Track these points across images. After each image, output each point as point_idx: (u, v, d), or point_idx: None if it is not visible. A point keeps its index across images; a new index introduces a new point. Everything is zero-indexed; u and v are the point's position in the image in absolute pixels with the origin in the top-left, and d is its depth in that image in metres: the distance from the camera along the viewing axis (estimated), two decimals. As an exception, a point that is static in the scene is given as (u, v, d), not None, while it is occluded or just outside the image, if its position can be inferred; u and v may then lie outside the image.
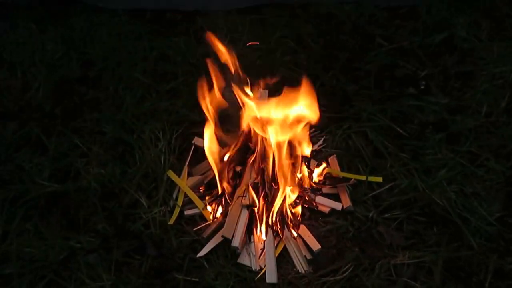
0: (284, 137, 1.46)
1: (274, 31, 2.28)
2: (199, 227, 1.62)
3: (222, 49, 1.56)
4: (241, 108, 1.51)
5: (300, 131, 1.49)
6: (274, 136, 1.44)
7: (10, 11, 2.45)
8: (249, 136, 1.59)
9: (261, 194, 1.56)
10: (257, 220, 1.56)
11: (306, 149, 1.59)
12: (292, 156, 1.54)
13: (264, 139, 1.51)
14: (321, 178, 1.70)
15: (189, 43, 2.27)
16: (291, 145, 1.54)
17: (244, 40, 2.24)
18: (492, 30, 2.26)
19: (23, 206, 1.67)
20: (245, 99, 1.49)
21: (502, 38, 2.21)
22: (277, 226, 1.56)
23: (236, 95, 1.50)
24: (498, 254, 1.52)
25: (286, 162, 1.50)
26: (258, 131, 1.48)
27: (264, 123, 1.45)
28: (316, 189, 1.67)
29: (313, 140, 1.84)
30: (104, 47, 2.24)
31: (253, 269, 1.51)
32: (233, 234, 1.53)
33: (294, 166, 1.57)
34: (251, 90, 1.57)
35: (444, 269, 1.49)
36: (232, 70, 1.55)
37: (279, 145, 1.45)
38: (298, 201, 1.61)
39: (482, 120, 1.89)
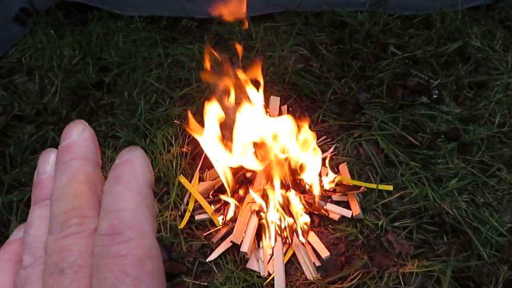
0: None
1: (287, 38, 2.30)
2: (209, 231, 1.63)
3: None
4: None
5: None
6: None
7: (30, 16, 2.51)
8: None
9: (271, 200, 1.57)
10: (266, 226, 1.57)
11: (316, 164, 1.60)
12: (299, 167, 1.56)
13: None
14: (332, 185, 1.71)
15: (204, 50, 2.30)
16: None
17: (258, 47, 2.26)
18: (507, 40, 2.25)
19: (38, 208, 1.70)
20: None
21: (517, 48, 2.20)
22: (287, 233, 1.57)
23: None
24: (509, 265, 1.51)
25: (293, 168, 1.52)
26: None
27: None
28: (326, 197, 1.68)
29: (324, 147, 1.85)
30: (120, 53, 2.29)
31: (262, 274, 1.52)
32: (242, 239, 1.54)
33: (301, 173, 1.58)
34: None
35: (453, 279, 1.48)
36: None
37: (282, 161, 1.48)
38: (308, 208, 1.62)
39: (495, 130, 1.88)
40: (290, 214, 1.58)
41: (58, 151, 0.31)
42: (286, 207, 1.56)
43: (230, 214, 1.63)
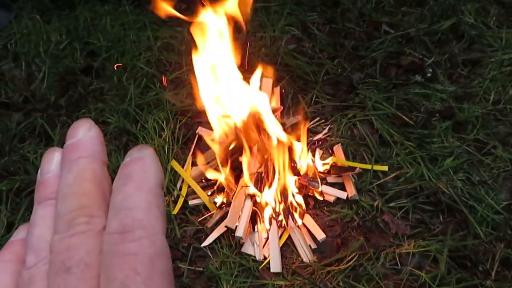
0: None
1: (278, 18, 2.26)
2: (203, 217, 1.62)
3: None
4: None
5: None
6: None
7: (15, 2, 2.45)
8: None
9: (265, 184, 1.55)
10: (261, 210, 1.56)
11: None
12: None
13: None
14: (327, 167, 1.69)
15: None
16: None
17: (248, 28, 2.22)
18: (501, 17, 2.22)
19: (28, 197, 1.67)
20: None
21: (511, 24, 2.17)
22: (282, 216, 1.55)
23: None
24: (505, 243, 1.51)
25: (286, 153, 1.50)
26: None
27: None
28: (321, 178, 1.66)
29: (317, 129, 1.82)
30: (108, 37, 2.24)
31: (257, 258, 1.51)
32: (237, 224, 1.52)
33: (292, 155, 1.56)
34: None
35: (449, 258, 1.48)
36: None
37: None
38: (302, 190, 1.60)
39: (490, 108, 1.86)
40: (285, 197, 1.56)
41: (64, 149, 0.30)
42: (281, 190, 1.55)
43: (224, 199, 1.61)
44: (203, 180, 1.68)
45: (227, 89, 1.47)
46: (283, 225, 1.56)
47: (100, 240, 0.26)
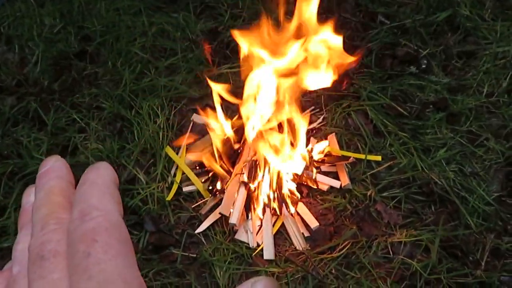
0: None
1: (274, 8, 2.25)
2: (197, 203, 1.62)
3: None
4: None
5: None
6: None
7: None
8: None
9: (259, 171, 1.56)
10: (254, 197, 1.56)
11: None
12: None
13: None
14: (321, 156, 1.69)
15: (189, 19, 2.24)
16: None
17: (244, 16, 2.21)
18: (496, 9, 2.23)
19: (21, 181, 1.67)
20: None
21: (506, 17, 2.18)
22: (275, 204, 1.56)
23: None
24: (495, 234, 1.53)
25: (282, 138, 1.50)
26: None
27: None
28: (315, 167, 1.67)
29: (312, 118, 1.83)
30: (103, 22, 2.21)
31: (251, 245, 1.51)
32: (231, 211, 1.53)
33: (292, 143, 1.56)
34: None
35: (441, 247, 1.49)
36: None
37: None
38: (296, 178, 1.61)
39: (483, 100, 1.87)
40: (279, 185, 1.56)
41: (36, 178, 0.35)
42: (275, 178, 1.55)
43: (218, 186, 1.61)
44: (197, 167, 1.68)
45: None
46: (276, 213, 1.56)
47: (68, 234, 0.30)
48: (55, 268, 0.28)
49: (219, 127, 1.62)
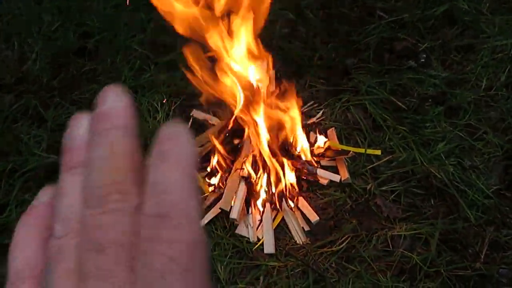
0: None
1: (273, 2, 2.25)
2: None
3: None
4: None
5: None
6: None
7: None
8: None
9: (259, 166, 1.56)
10: (255, 192, 1.57)
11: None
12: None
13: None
14: (321, 150, 1.70)
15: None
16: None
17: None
18: (494, 3, 2.23)
19: (22, 178, 1.67)
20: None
21: (504, 11, 2.18)
22: (275, 198, 1.57)
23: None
24: (494, 227, 1.54)
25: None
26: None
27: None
28: (315, 162, 1.68)
29: (311, 113, 1.83)
30: (101, 18, 2.22)
31: (251, 240, 1.52)
32: (231, 205, 1.53)
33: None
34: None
35: (440, 241, 1.50)
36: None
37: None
38: (296, 173, 1.62)
39: (482, 94, 1.88)
40: (279, 180, 1.57)
41: (94, 116, 0.28)
42: (275, 173, 1.56)
43: (219, 181, 1.62)
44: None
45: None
46: (277, 207, 1.57)
47: (134, 220, 0.25)
48: (117, 269, 0.23)
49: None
